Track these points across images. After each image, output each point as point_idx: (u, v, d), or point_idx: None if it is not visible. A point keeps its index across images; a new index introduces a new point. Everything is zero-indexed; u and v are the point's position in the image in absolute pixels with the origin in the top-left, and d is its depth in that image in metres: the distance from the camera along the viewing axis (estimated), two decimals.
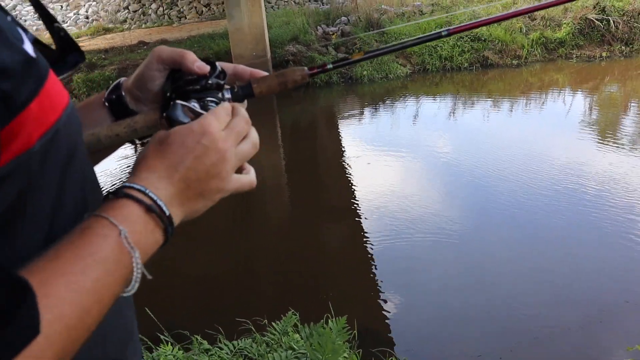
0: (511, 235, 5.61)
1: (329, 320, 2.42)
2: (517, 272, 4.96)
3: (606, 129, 9.05)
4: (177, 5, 20.11)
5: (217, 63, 0.83)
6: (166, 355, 2.86)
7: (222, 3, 18.90)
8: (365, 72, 13.05)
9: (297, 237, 6.08)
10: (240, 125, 0.73)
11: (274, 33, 13.79)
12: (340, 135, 9.22)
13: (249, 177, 0.76)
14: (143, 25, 19.77)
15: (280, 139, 10.15)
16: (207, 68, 0.80)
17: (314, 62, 12.99)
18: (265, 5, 16.18)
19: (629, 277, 4.73)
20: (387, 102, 11.43)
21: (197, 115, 0.73)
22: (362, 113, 10.81)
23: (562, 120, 9.51)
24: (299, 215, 6.76)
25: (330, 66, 0.90)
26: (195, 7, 20.04)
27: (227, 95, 0.83)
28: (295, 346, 2.29)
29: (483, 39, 13.74)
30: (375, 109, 11.01)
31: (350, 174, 7.51)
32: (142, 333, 3.04)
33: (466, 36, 13.72)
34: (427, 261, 5.27)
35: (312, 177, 7.88)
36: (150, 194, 0.62)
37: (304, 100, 12.42)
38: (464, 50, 13.61)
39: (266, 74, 0.90)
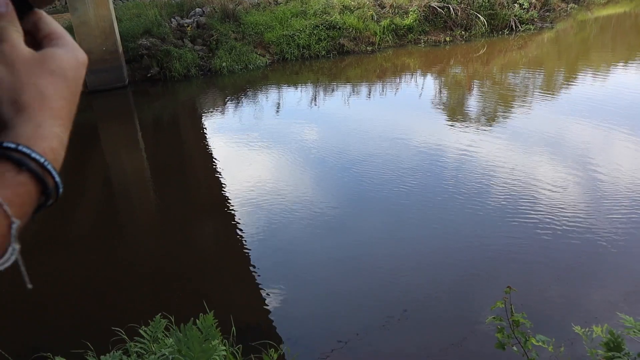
0: (383, 218, 5.81)
1: (196, 320, 2.30)
2: (390, 252, 5.15)
3: (455, 107, 9.74)
4: None
5: None
6: None
7: None
8: (224, 64, 12.81)
9: (169, 238, 5.81)
10: None
11: (124, 26, 13.01)
12: (204, 130, 8.97)
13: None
14: None
15: (141, 140, 9.64)
16: None
17: (171, 56, 12.51)
18: None
19: (486, 241, 5.13)
20: (249, 92, 11.32)
21: None
22: (224, 105, 10.60)
23: (416, 101, 10.08)
24: (169, 216, 6.46)
25: None
26: None
27: None
28: (166, 352, 2.14)
29: (338, 27, 14.11)
30: (238, 100, 10.86)
31: (218, 169, 7.33)
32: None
33: (321, 25, 14.01)
34: (303, 249, 5.29)
35: (179, 175, 7.57)
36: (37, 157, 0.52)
37: (163, 96, 11.91)
38: (320, 38, 13.88)
39: None
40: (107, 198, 7.13)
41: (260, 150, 7.81)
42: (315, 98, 10.68)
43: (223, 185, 6.79)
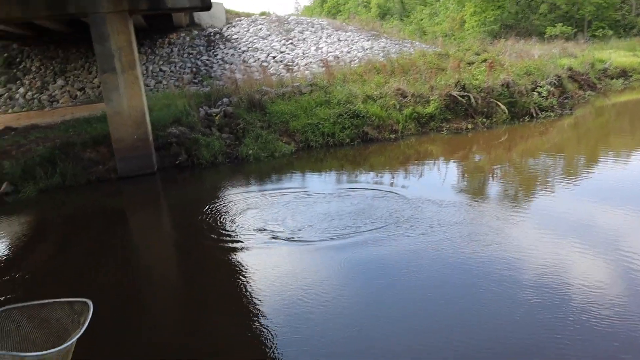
0: (406, 310, 5.67)
1: None
2: (418, 342, 4.99)
3: (478, 193, 9.73)
4: (47, 90, 19.22)
5: None
6: None
7: (98, 87, 18.37)
8: (251, 152, 13.12)
9: (191, 324, 5.71)
10: None
11: (155, 115, 13.55)
12: (228, 218, 9.03)
13: None
14: (10, 110, 18.57)
15: (167, 225, 9.75)
16: None
17: (199, 144, 12.90)
18: (144, 89, 15.97)
19: (515, 335, 4.95)
20: (274, 180, 11.46)
21: None
22: (248, 194, 10.66)
23: (439, 186, 10.09)
24: (191, 301, 6.37)
25: None
26: (69, 91, 19.27)
27: None
28: None
29: (361, 115, 14.49)
30: (263, 189, 10.96)
31: (239, 257, 7.32)
32: None
33: (345, 113, 14.41)
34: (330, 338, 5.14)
35: (202, 259, 7.56)
36: None
37: (190, 183, 12.13)
38: (344, 126, 14.23)
39: None
40: (131, 279, 7.11)
41: (285, 243, 7.80)
42: (339, 186, 10.71)
43: (247, 273, 6.75)
